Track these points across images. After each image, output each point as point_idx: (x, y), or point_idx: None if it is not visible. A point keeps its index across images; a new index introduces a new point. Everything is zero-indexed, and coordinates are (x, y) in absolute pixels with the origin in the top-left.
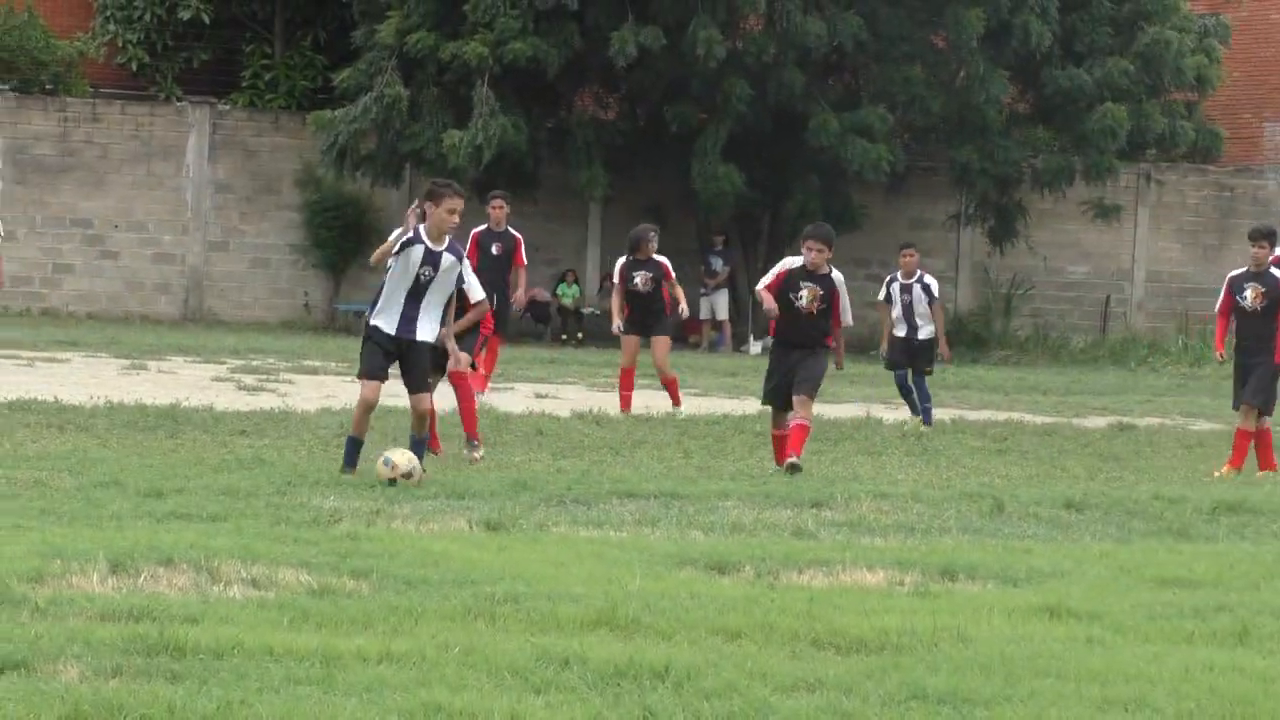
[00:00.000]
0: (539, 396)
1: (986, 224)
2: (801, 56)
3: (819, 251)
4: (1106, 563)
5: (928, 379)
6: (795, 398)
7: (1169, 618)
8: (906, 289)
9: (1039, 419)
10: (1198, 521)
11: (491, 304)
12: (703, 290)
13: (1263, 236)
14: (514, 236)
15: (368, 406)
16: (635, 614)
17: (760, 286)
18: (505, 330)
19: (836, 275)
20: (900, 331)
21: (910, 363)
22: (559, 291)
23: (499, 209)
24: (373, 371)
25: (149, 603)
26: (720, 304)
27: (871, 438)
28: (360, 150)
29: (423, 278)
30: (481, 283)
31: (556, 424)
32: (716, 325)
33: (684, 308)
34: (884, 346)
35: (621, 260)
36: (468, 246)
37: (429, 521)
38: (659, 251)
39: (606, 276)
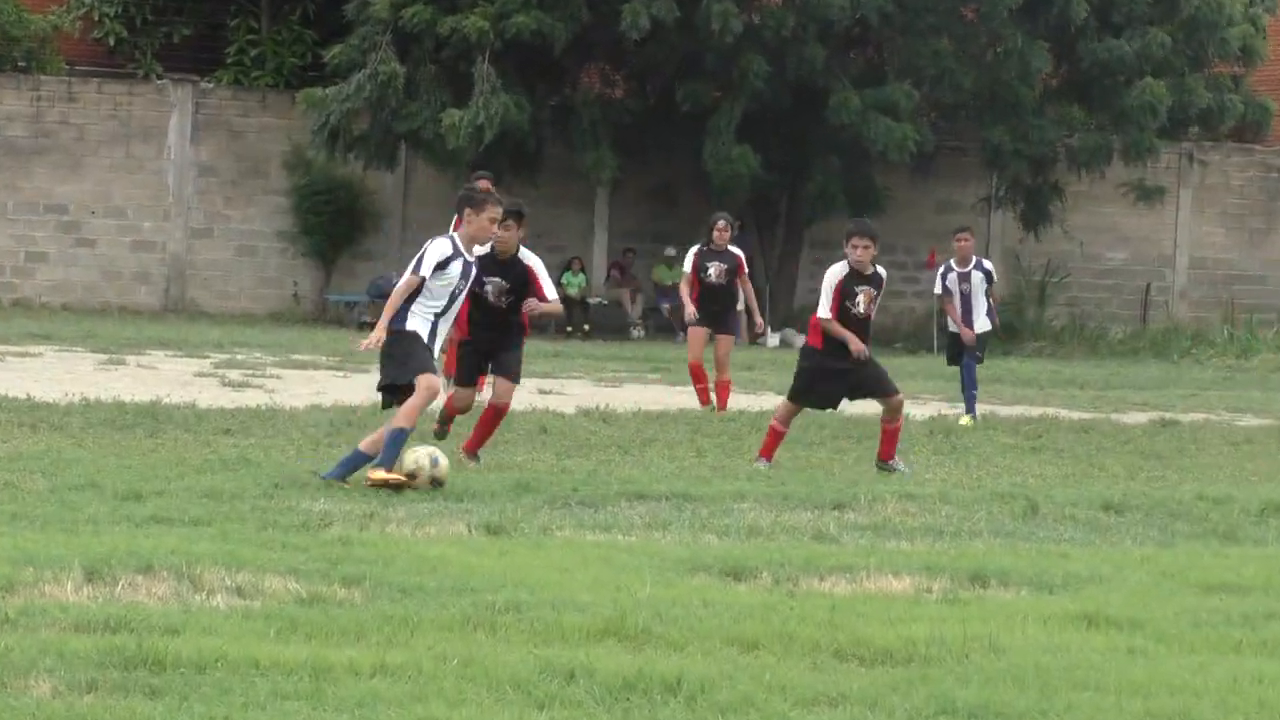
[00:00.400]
0: (542, 392)
1: (1019, 207)
2: (822, 30)
3: (865, 248)
4: (1148, 568)
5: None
6: (890, 399)
7: (1215, 626)
8: (965, 277)
9: (1075, 414)
10: (1245, 523)
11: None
12: None
13: None
14: None
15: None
16: (645, 623)
17: (826, 317)
18: None
19: (883, 271)
20: (954, 326)
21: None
22: (564, 281)
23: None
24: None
25: (127, 613)
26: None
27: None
28: (353, 131)
29: (458, 292)
30: None
31: (561, 421)
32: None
33: (760, 322)
34: (967, 333)
35: (695, 248)
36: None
37: (425, 525)
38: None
39: (614, 265)
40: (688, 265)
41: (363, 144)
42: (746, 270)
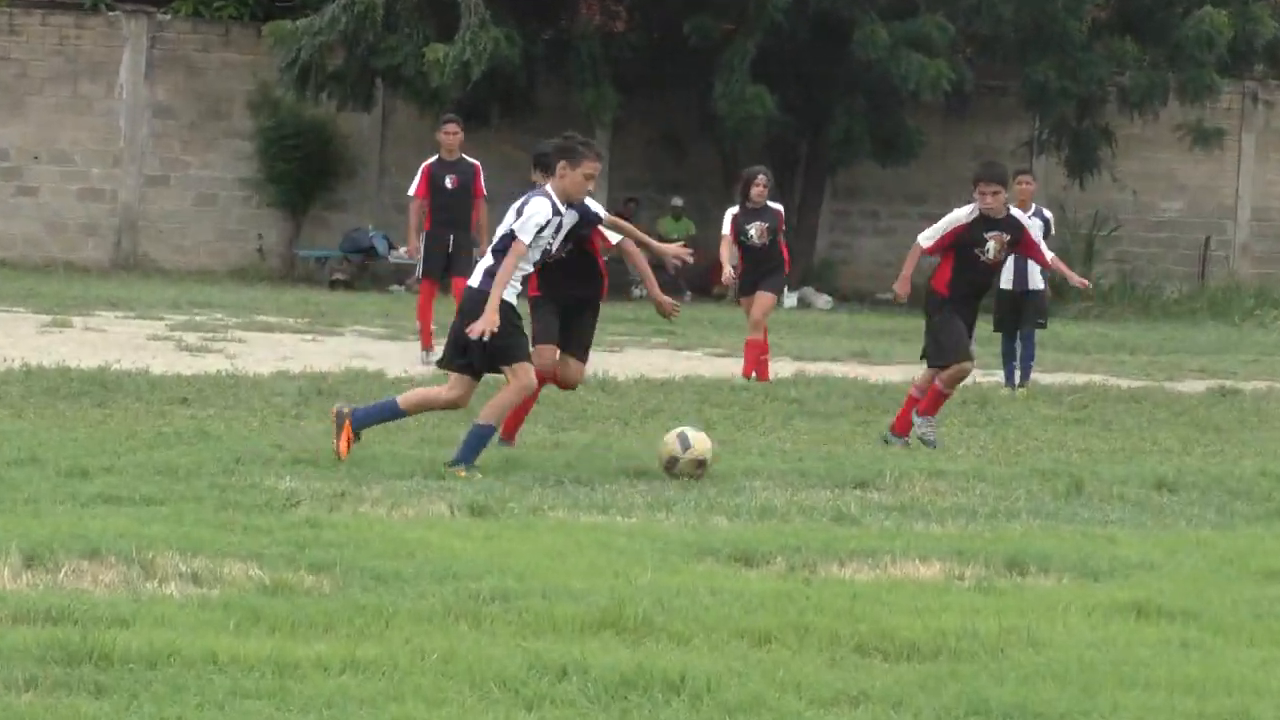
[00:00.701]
0: None
1: (1063, 153)
2: None
3: (995, 194)
4: (1204, 552)
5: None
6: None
7: (1278, 617)
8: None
9: (1125, 383)
10: None
11: (447, 246)
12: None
13: None
14: (471, 164)
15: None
16: (646, 614)
17: (923, 246)
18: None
19: (1018, 212)
20: (1006, 283)
21: (1018, 321)
22: None
23: (452, 135)
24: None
25: (70, 602)
26: None
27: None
28: (326, 67)
29: (549, 251)
30: (439, 223)
31: (555, 391)
32: None
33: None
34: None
35: (733, 210)
36: (417, 182)
37: (403, 505)
38: (772, 198)
39: (615, 214)
40: (726, 228)
41: (336, 82)
42: (785, 226)
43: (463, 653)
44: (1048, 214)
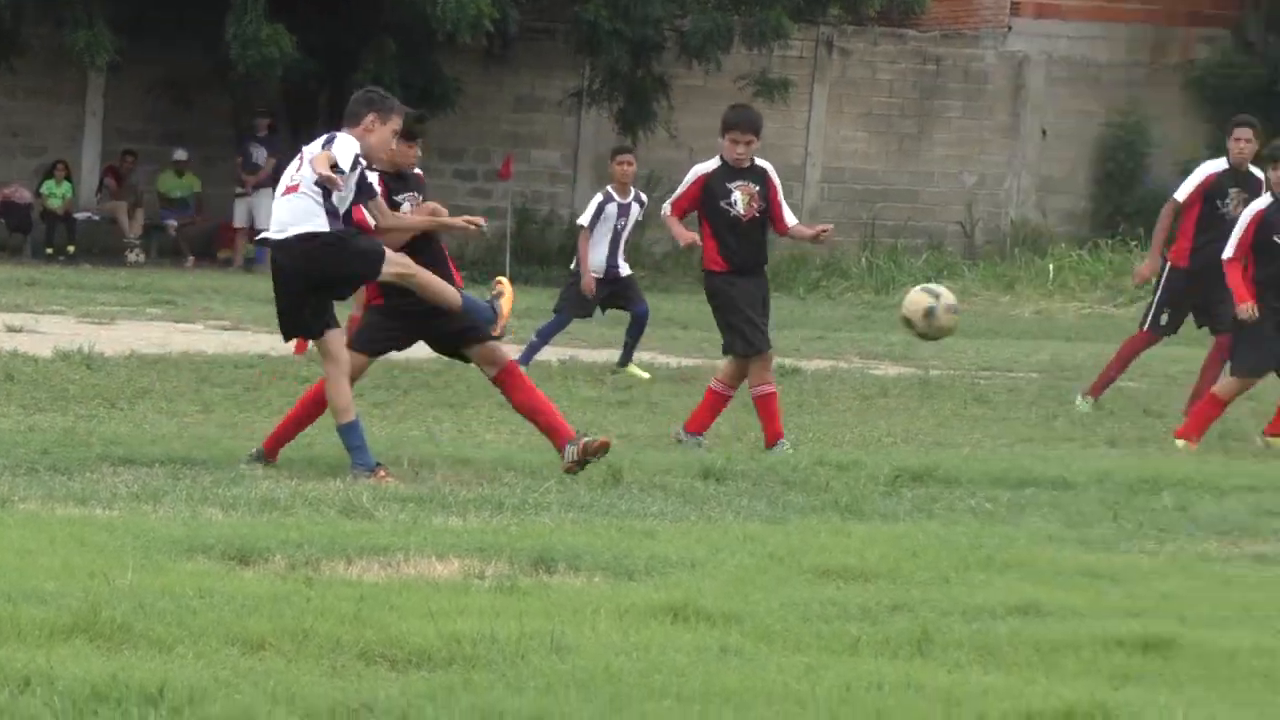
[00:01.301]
0: (10, 330)
1: (616, 104)
2: None
3: (748, 143)
4: (752, 549)
5: None
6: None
7: (830, 620)
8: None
9: (674, 361)
10: (873, 494)
11: None
12: (239, 190)
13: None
14: None
15: None
16: (124, 619)
17: (666, 210)
18: None
19: (765, 164)
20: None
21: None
22: (44, 190)
23: None
24: None
25: None
26: (261, 207)
27: (454, 385)
28: None
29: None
30: None
31: (33, 367)
32: (256, 236)
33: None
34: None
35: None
36: None
37: None
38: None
39: (108, 171)
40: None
41: None
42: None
43: None
44: (643, 197)
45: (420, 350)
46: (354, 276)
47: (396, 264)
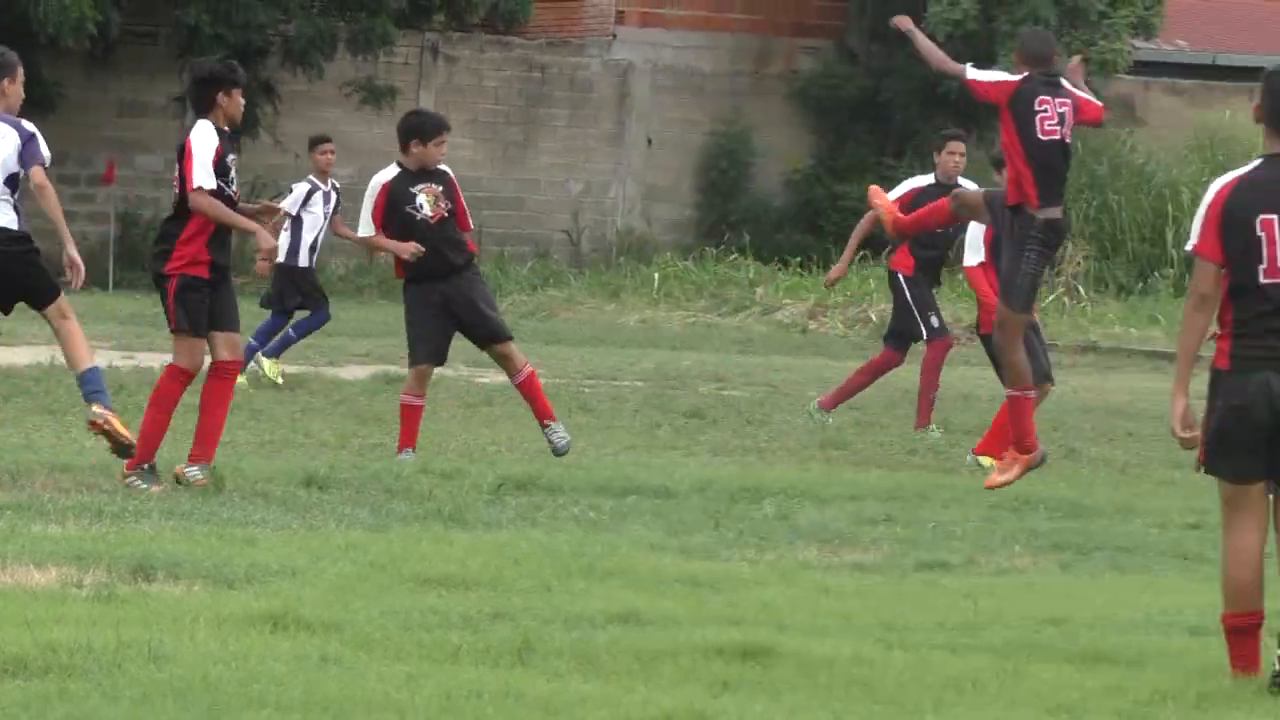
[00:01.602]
0: None
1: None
2: None
3: (439, 144)
4: (354, 557)
5: None
6: (503, 346)
7: (430, 629)
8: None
9: (282, 367)
10: (477, 503)
11: None
12: None
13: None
14: None
15: None
16: None
17: (368, 232)
18: None
19: (444, 166)
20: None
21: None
22: None
23: None
24: None
25: None
26: None
27: (54, 392)
28: None
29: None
30: None
31: None
32: None
33: None
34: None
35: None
36: None
37: None
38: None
39: None
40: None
41: None
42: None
43: None
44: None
45: (18, 356)
46: None
47: None
